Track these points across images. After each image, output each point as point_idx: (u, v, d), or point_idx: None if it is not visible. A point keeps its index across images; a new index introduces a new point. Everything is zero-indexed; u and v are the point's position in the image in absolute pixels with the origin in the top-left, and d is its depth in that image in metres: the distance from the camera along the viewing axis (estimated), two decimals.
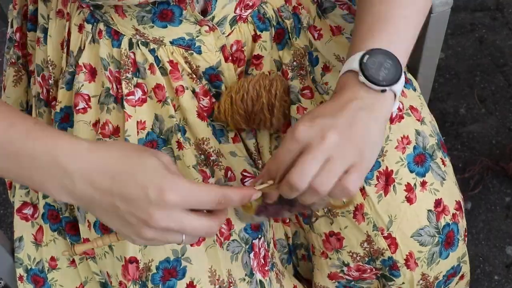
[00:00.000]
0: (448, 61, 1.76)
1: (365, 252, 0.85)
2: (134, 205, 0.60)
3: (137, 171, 0.60)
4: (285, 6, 0.87)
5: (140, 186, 0.59)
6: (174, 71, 0.82)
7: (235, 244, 0.80)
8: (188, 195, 0.61)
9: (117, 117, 0.82)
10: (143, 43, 0.82)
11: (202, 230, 0.63)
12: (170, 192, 0.59)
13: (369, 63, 0.66)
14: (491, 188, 1.52)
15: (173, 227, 0.61)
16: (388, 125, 0.83)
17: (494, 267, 1.41)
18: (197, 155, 0.82)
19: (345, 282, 0.90)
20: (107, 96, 0.83)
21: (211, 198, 0.62)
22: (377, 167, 0.82)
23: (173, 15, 0.78)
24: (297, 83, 0.86)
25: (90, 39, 0.83)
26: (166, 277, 0.77)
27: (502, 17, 1.84)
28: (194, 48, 0.82)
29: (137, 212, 0.60)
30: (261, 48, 0.86)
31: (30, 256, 0.88)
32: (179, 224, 0.61)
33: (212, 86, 0.85)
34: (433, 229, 0.83)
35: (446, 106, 1.67)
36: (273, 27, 0.86)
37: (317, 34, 0.87)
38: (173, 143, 0.82)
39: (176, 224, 0.61)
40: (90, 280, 0.87)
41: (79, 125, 0.83)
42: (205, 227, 0.63)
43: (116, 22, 0.80)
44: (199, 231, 0.63)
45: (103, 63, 0.82)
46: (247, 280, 0.80)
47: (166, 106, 0.82)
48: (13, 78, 0.95)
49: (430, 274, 0.85)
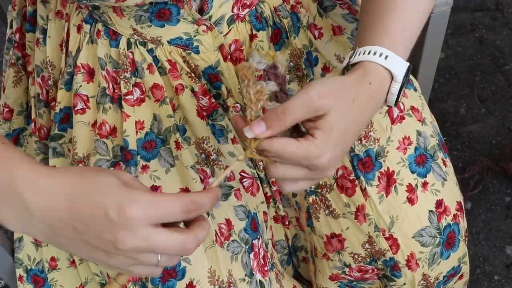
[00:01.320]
0: (448, 61, 1.76)
1: (367, 253, 0.85)
2: (96, 228, 0.56)
3: (93, 191, 0.56)
4: (283, 5, 0.86)
5: (98, 206, 0.55)
6: (173, 70, 0.82)
7: (235, 244, 0.80)
8: (150, 208, 0.55)
9: (114, 117, 0.82)
10: (141, 43, 0.81)
11: (174, 247, 0.57)
12: (130, 208, 0.54)
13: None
14: (491, 188, 1.52)
15: (141, 246, 0.56)
16: (389, 125, 0.83)
17: (494, 267, 1.41)
18: (198, 154, 0.82)
19: (346, 282, 0.90)
20: (103, 96, 0.82)
21: (176, 208, 0.57)
22: (379, 168, 0.82)
23: (170, 14, 0.77)
24: (295, 86, 0.86)
25: (88, 39, 0.83)
26: (166, 278, 0.77)
27: (502, 17, 1.84)
28: (192, 48, 0.82)
29: (100, 234, 0.56)
30: (258, 47, 0.86)
31: (30, 257, 0.88)
32: (146, 242, 0.56)
33: (212, 87, 0.85)
34: (434, 230, 0.83)
35: (446, 106, 1.67)
36: (269, 27, 0.86)
37: (318, 33, 0.87)
38: (171, 143, 0.82)
39: (144, 242, 0.55)
40: (90, 280, 0.87)
41: (78, 126, 0.83)
42: (177, 244, 0.57)
43: (114, 22, 0.80)
44: (171, 248, 0.57)
45: (100, 62, 0.82)
46: (247, 280, 0.80)
47: (164, 106, 0.82)
48: (13, 78, 0.95)
49: (431, 275, 0.86)
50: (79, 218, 0.56)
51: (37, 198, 0.57)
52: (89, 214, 0.55)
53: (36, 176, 0.58)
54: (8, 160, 0.59)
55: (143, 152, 0.81)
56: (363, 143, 0.82)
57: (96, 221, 0.55)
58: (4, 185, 0.57)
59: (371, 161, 0.82)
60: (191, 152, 0.81)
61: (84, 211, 0.56)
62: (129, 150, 0.80)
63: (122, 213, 0.54)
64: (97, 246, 0.57)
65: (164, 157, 0.81)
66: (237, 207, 0.81)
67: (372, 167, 0.82)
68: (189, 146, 0.82)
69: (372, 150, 0.82)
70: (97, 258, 0.58)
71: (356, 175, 0.82)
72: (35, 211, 0.57)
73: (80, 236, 0.57)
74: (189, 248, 0.58)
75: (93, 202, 0.56)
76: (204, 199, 0.59)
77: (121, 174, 0.59)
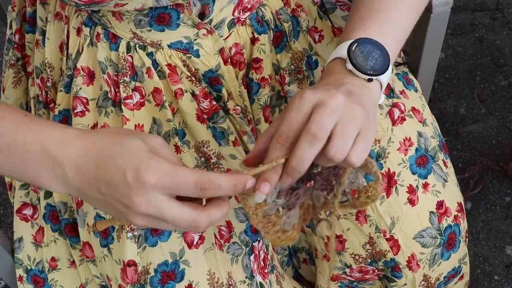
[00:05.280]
0: (448, 61, 1.76)
1: (367, 254, 0.85)
2: (117, 191, 0.57)
3: (117, 154, 0.58)
4: (284, 8, 0.86)
5: (119, 169, 0.57)
6: (172, 75, 0.82)
7: (236, 246, 0.80)
8: (165, 177, 0.56)
9: (116, 120, 0.82)
10: (140, 46, 0.81)
11: (183, 221, 0.58)
12: (146, 173, 0.56)
13: (357, 51, 0.66)
14: (491, 188, 1.52)
15: (153, 214, 0.57)
16: (390, 126, 0.83)
17: (494, 267, 1.41)
18: (197, 158, 0.82)
19: (347, 282, 0.90)
20: (105, 99, 0.82)
21: (191, 181, 0.57)
22: (380, 169, 0.81)
23: (170, 18, 0.77)
24: (295, 88, 0.86)
25: (88, 42, 0.82)
26: (165, 280, 0.77)
27: (502, 17, 1.84)
28: (192, 52, 0.82)
29: (120, 198, 0.57)
30: (260, 51, 0.85)
31: (30, 257, 0.88)
32: (158, 211, 0.57)
33: (212, 89, 0.85)
34: (435, 231, 0.83)
35: (446, 106, 1.67)
36: (271, 30, 0.86)
37: (318, 36, 0.87)
38: (171, 146, 0.82)
39: (155, 210, 0.57)
40: (90, 281, 0.87)
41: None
42: (187, 218, 0.58)
43: (114, 26, 0.80)
44: (181, 222, 0.58)
45: (101, 66, 0.82)
46: (248, 283, 0.80)
47: (163, 110, 0.82)
48: (12, 79, 0.94)
49: (432, 275, 0.86)
50: (103, 180, 0.58)
51: (68, 160, 0.59)
52: (111, 176, 0.57)
53: (66, 139, 0.60)
54: (38, 127, 0.61)
55: None
56: None
57: (116, 184, 0.57)
58: (39, 152, 0.60)
59: None
60: (191, 155, 0.81)
61: (107, 173, 0.58)
62: None
63: (138, 177, 0.56)
64: (119, 209, 0.58)
65: None
66: (237, 209, 0.81)
67: None
68: (189, 150, 0.82)
69: (373, 151, 0.82)
70: (123, 217, 0.60)
71: None
72: (69, 172, 0.59)
73: (105, 198, 0.59)
74: (200, 226, 0.58)
75: (116, 165, 0.57)
76: (223, 181, 0.57)
77: (150, 139, 0.60)
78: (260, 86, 0.86)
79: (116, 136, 0.60)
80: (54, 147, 0.60)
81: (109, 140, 0.60)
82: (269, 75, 0.86)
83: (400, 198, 0.82)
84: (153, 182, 0.56)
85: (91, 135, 0.60)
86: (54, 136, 0.60)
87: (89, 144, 0.59)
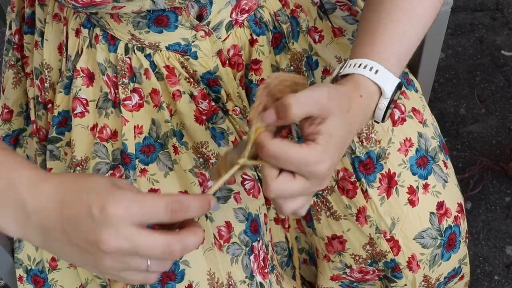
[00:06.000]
0: (448, 61, 1.76)
1: (368, 255, 0.85)
2: (81, 227, 0.54)
3: (82, 190, 0.56)
4: (282, 10, 0.86)
5: (84, 204, 0.54)
6: (170, 76, 0.82)
7: (235, 246, 0.80)
8: (133, 206, 0.54)
9: (116, 121, 0.82)
10: (139, 48, 0.81)
11: (157, 248, 0.55)
12: (112, 206, 0.53)
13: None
14: (491, 188, 1.52)
15: (124, 247, 0.54)
16: (390, 127, 0.83)
17: (494, 267, 1.41)
18: (195, 158, 0.82)
19: (348, 282, 0.90)
20: (105, 101, 0.82)
21: (159, 207, 0.55)
22: (380, 170, 0.82)
23: (168, 20, 0.77)
24: None
25: (87, 43, 0.82)
26: (165, 280, 0.77)
27: (502, 17, 1.84)
28: (190, 54, 0.82)
29: (86, 235, 0.54)
30: (259, 52, 0.85)
31: (30, 257, 0.88)
32: (130, 242, 0.54)
33: (211, 91, 0.85)
34: (435, 232, 0.83)
35: (446, 106, 1.67)
36: (270, 31, 0.85)
37: (318, 36, 0.87)
38: (169, 147, 0.82)
39: (126, 243, 0.53)
40: (90, 281, 0.87)
41: (77, 129, 0.82)
42: (161, 245, 0.55)
43: (112, 27, 0.80)
44: (155, 250, 0.55)
45: (101, 68, 0.82)
46: (248, 283, 0.80)
47: (161, 111, 0.82)
48: (12, 80, 0.94)
49: (432, 276, 0.86)
50: (67, 217, 0.55)
51: (34, 201, 0.57)
52: (75, 212, 0.55)
53: (35, 180, 0.57)
54: (9, 165, 0.59)
55: (141, 156, 0.81)
56: (364, 144, 0.82)
57: (81, 220, 0.54)
58: (5, 189, 0.57)
59: (372, 163, 0.82)
60: (190, 156, 0.81)
61: (72, 210, 0.55)
62: (128, 153, 0.80)
63: (104, 210, 0.53)
64: (85, 249, 0.55)
65: (163, 161, 0.81)
66: (237, 209, 0.81)
67: (373, 169, 0.82)
68: (187, 151, 0.82)
69: (373, 152, 0.82)
70: (88, 263, 0.57)
71: (357, 177, 0.82)
72: (32, 214, 0.57)
73: (69, 238, 0.56)
74: (174, 251, 0.56)
75: (80, 200, 0.55)
76: (191, 202, 0.56)
77: (116, 180, 0.58)
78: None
79: (83, 176, 0.58)
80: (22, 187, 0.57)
81: (75, 179, 0.58)
82: (269, 76, 0.86)
83: (400, 199, 0.82)
84: (121, 212, 0.53)
85: (59, 176, 0.58)
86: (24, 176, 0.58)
87: (56, 185, 0.57)
